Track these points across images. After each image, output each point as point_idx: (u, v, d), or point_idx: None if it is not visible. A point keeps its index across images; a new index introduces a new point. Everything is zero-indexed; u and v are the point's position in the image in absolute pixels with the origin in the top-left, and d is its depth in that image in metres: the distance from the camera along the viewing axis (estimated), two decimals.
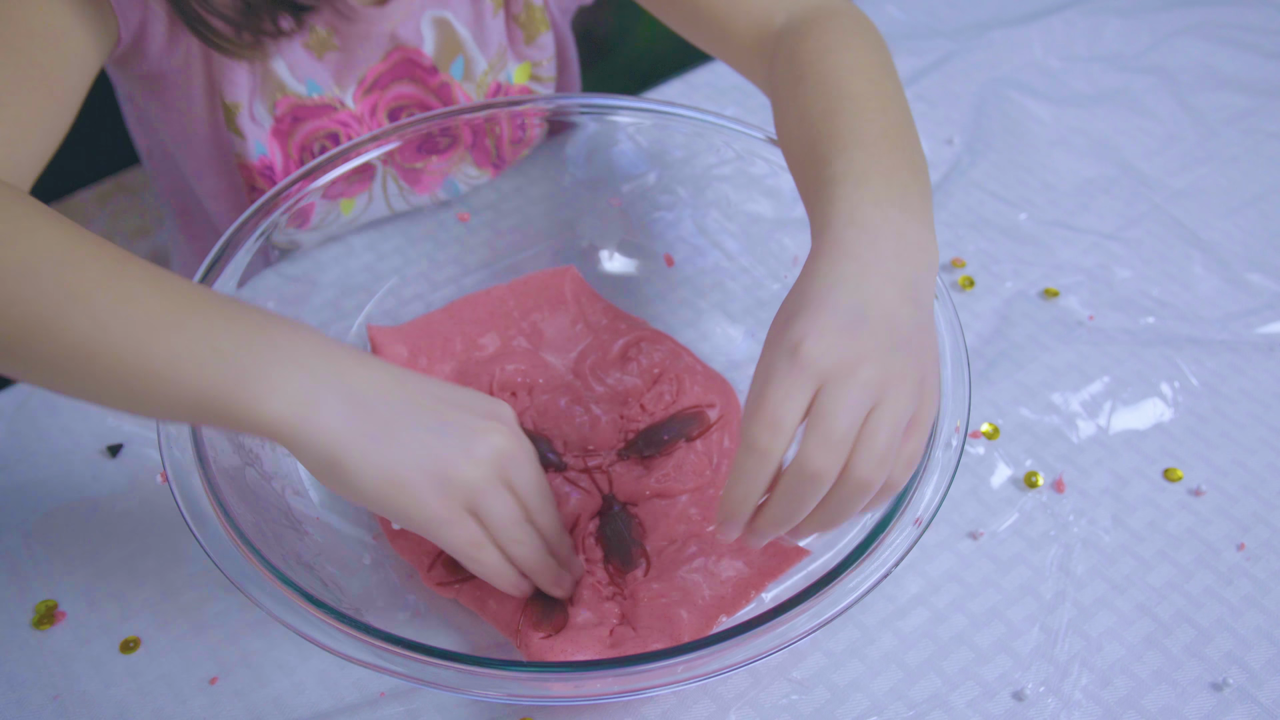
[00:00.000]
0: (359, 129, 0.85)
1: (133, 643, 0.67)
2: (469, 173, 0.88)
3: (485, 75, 0.87)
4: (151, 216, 1.25)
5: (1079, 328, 0.84)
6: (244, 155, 0.83)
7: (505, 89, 0.88)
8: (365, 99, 0.84)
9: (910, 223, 0.61)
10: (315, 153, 0.84)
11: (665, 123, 0.81)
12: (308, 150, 0.84)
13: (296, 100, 0.82)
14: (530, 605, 0.65)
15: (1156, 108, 1.02)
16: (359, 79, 0.83)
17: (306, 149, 0.84)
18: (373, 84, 0.84)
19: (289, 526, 0.66)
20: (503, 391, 0.75)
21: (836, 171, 0.63)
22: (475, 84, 0.87)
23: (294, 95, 0.82)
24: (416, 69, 0.85)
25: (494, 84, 0.88)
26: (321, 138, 0.84)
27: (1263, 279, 0.88)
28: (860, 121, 0.65)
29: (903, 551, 0.59)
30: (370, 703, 0.64)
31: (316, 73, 0.82)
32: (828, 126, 0.66)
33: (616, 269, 0.85)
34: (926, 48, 1.06)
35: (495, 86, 0.88)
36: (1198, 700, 0.66)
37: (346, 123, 0.84)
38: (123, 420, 0.77)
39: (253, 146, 0.82)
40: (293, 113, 0.83)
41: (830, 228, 0.61)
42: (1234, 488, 0.75)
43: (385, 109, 0.86)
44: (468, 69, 0.86)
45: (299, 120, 0.83)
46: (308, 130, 0.84)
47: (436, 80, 0.85)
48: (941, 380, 0.62)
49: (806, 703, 0.65)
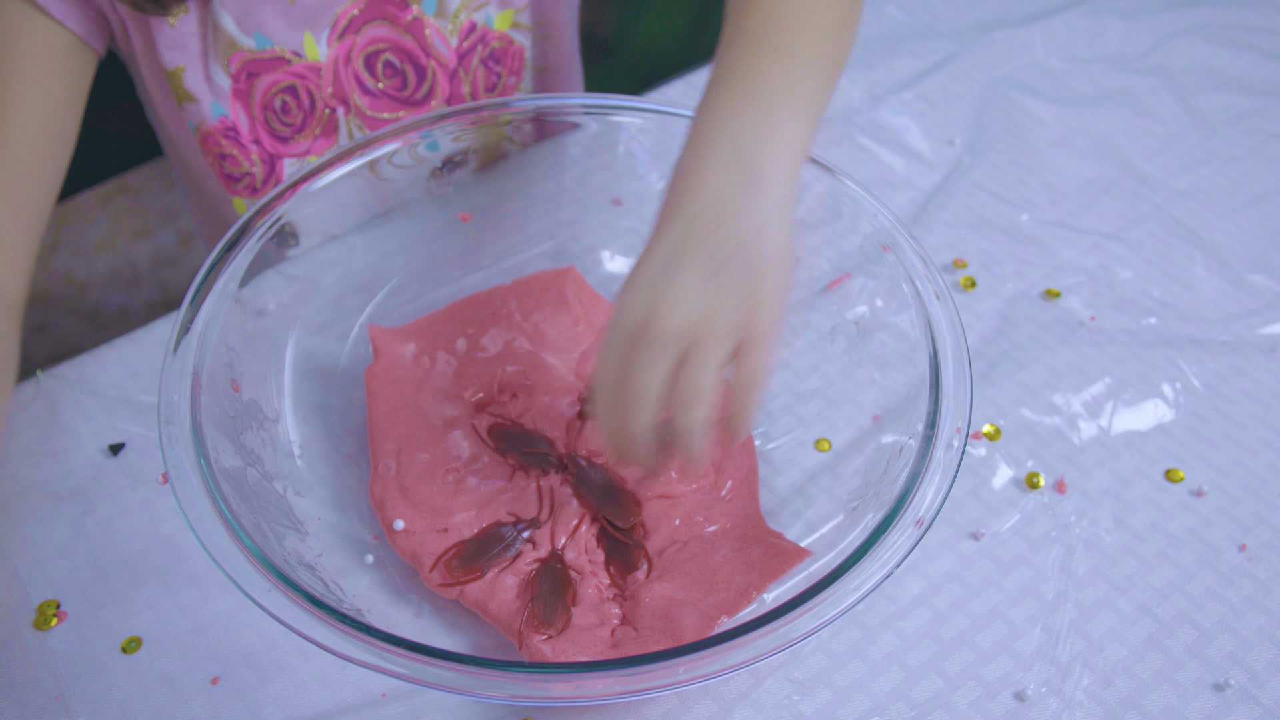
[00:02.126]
0: (317, 80, 0.83)
1: (134, 643, 0.67)
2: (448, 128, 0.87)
3: (459, 11, 0.85)
4: (153, 217, 1.25)
5: (1080, 328, 0.84)
6: (204, 120, 0.82)
7: (483, 31, 0.87)
8: (340, 44, 0.83)
9: (751, 122, 0.60)
10: (277, 110, 0.83)
11: (667, 123, 0.81)
12: (270, 109, 0.83)
13: (248, 55, 0.81)
14: (532, 606, 0.65)
15: (1158, 108, 1.02)
16: (331, 21, 0.83)
17: (268, 107, 0.83)
18: (345, 27, 0.83)
19: (290, 526, 0.66)
20: (504, 393, 0.75)
21: (711, 76, 0.63)
22: (449, 20, 0.85)
23: (245, 50, 0.81)
24: (388, 5, 0.83)
25: (468, 23, 0.86)
26: (279, 92, 0.83)
27: (1264, 279, 0.88)
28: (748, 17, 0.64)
29: (904, 552, 0.59)
30: (371, 703, 0.64)
31: (271, 22, 0.81)
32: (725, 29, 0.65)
33: (618, 269, 0.85)
34: (928, 48, 1.06)
35: (469, 25, 0.86)
36: (1199, 701, 0.65)
37: (303, 74, 0.83)
38: (123, 420, 0.77)
39: (209, 108, 0.81)
40: (246, 68, 0.82)
41: (685, 143, 0.61)
42: (1235, 488, 0.75)
43: (361, 55, 0.85)
44: (440, 5, 0.85)
45: (254, 76, 0.82)
46: (265, 86, 0.82)
47: (408, 15, 0.84)
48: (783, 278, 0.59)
49: (808, 703, 0.65)
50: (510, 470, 0.72)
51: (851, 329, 0.77)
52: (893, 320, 0.73)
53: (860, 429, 0.75)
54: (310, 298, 0.81)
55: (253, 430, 0.69)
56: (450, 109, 0.80)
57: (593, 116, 0.82)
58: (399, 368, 0.76)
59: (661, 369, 0.57)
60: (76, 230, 1.21)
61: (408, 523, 0.68)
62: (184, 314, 0.67)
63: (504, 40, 0.89)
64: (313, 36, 0.82)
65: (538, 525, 0.69)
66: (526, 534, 0.68)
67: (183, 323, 0.67)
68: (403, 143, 0.78)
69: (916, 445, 0.64)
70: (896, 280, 0.72)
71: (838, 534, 0.67)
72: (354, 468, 0.74)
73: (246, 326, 0.72)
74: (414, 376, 0.76)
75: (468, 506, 0.69)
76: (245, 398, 0.70)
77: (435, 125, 0.79)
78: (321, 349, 0.78)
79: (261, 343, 0.75)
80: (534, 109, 0.82)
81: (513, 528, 0.68)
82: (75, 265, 1.23)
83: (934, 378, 0.66)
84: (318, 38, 0.82)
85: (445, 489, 0.70)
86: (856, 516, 0.66)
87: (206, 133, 0.83)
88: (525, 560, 0.67)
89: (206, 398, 0.65)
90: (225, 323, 0.69)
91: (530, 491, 0.71)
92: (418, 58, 0.86)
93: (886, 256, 0.72)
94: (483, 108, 0.81)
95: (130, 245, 1.25)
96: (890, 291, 0.73)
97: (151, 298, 1.28)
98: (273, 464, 0.69)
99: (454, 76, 0.86)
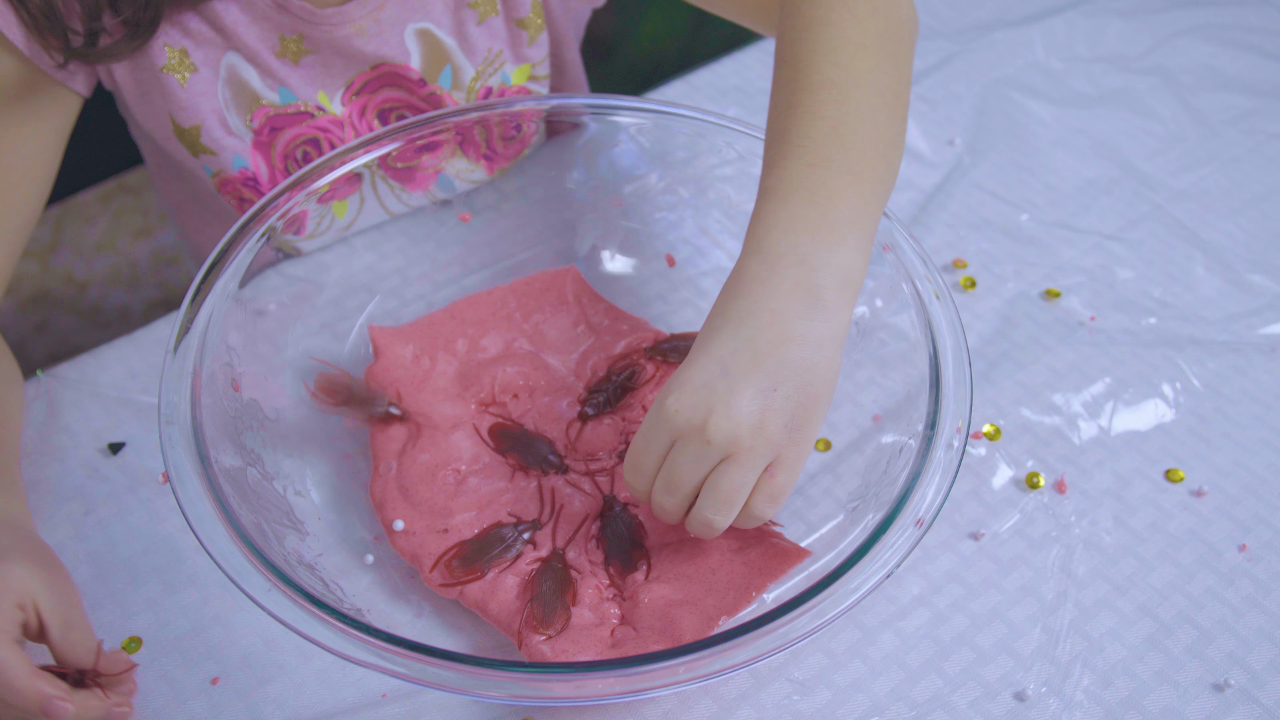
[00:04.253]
0: (341, 133, 0.85)
1: (133, 642, 0.67)
2: (460, 166, 0.88)
3: (474, 81, 0.86)
4: (154, 217, 1.25)
5: (1080, 328, 0.84)
6: (223, 169, 0.83)
7: (502, 91, 0.88)
8: (354, 102, 0.84)
9: (820, 246, 0.61)
10: (299, 160, 0.84)
11: (667, 123, 0.81)
12: (291, 158, 0.84)
13: (272, 109, 0.82)
14: (531, 606, 0.65)
15: (1158, 108, 1.02)
16: (346, 83, 0.83)
17: (289, 157, 0.84)
18: (361, 88, 0.84)
19: (290, 526, 0.66)
20: (504, 394, 0.75)
21: (768, 185, 0.64)
22: (465, 91, 0.87)
23: (269, 104, 0.82)
24: (403, 80, 0.85)
25: (484, 89, 0.87)
26: (302, 144, 0.84)
27: (1264, 280, 0.88)
28: (809, 121, 0.64)
29: (904, 552, 0.59)
30: (371, 703, 0.64)
31: (291, 79, 0.82)
32: (782, 125, 0.65)
33: (618, 269, 0.85)
34: (928, 48, 1.06)
35: (485, 91, 0.88)
36: (1199, 701, 0.65)
37: (326, 128, 0.84)
38: (123, 420, 0.77)
39: (230, 160, 0.82)
40: (270, 123, 0.82)
41: (743, 253, 0.62)
42: (1235, 489, 0.75)
43: (374, 110, 0.86)
44: (456, 78, 0.86)
45: (277, 130, 0.83)
46: (288, 139, 0.83)
47: (425, 90, 0.85)
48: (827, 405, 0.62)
49: (808, 703, 0.65)
50: (511, 471, 0.72)
51: (851, 329, 0.77)
52: (893, 320, 0.73)
53: (860, 429, 0.75)
54: (310, 298, 0.81)
55: (253, 430, 0.69)
56: (451, 109, 0.80)
57: (593, 116, 0.82)
58: (399, 368, 0.76)
59: (705, 468, 0.60)
60: (76, 230, 1.21)
61: (408, 523, 0.68)
62: (184, 314, 0.67)
63: (521, 93, 0.89)
64: (326, 96, 0.83)
65: (538, 526, 0.69)
66: (527, 535, 0.68)
67: (183, 323, 0.67)
68: (404, 142, 0.78)
69: (916, 445, 0.64)
70: (896, 280, 0.72)
71: (838, 534, 0.67)
72: (354, 468, 0.74)
73: (246, 326, 0.72)
74: (414, 376, 0.76)
75: (468, 507, 0.69)
76: (245, 398, 0.70)
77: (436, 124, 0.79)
78: (321, 349, 0.78)
79: (261, 343, 0.75)
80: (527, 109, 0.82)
81: (513, 528, 0.68)
82: (75, 265, 1.23)
83: (934, 378, 0.66)
84: (331, 96, 0.83)
85: (445, 489, 0.70)
86: (856, 516, 0.66)
87: (225, 179, 0.84)
88: (525, 561, 0.67)
89: (206, 398, 0.65)
90: (225, 323, 0.69)
91: (531, 492, 0.71)
92: None
93: (886, 256, 0.72)
94: (484, 107, 0.81)
95: (130, 245, 1.25)
96: (890, 292, 0.73)
97: (151, 298, 1.28)
98: (273, 464, 0.69)
99: (468, 133, 0.86)
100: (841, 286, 0.61)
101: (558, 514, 0.70)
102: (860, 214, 0.63)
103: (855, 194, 0.63)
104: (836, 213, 0.62)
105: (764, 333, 0.60)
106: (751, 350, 0.60)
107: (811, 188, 0.62)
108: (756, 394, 0.59)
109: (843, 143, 0.63)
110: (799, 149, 0.63)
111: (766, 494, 0.61)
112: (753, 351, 0.60)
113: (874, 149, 0.64)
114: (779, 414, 0.59)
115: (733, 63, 1.05)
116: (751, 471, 0.60)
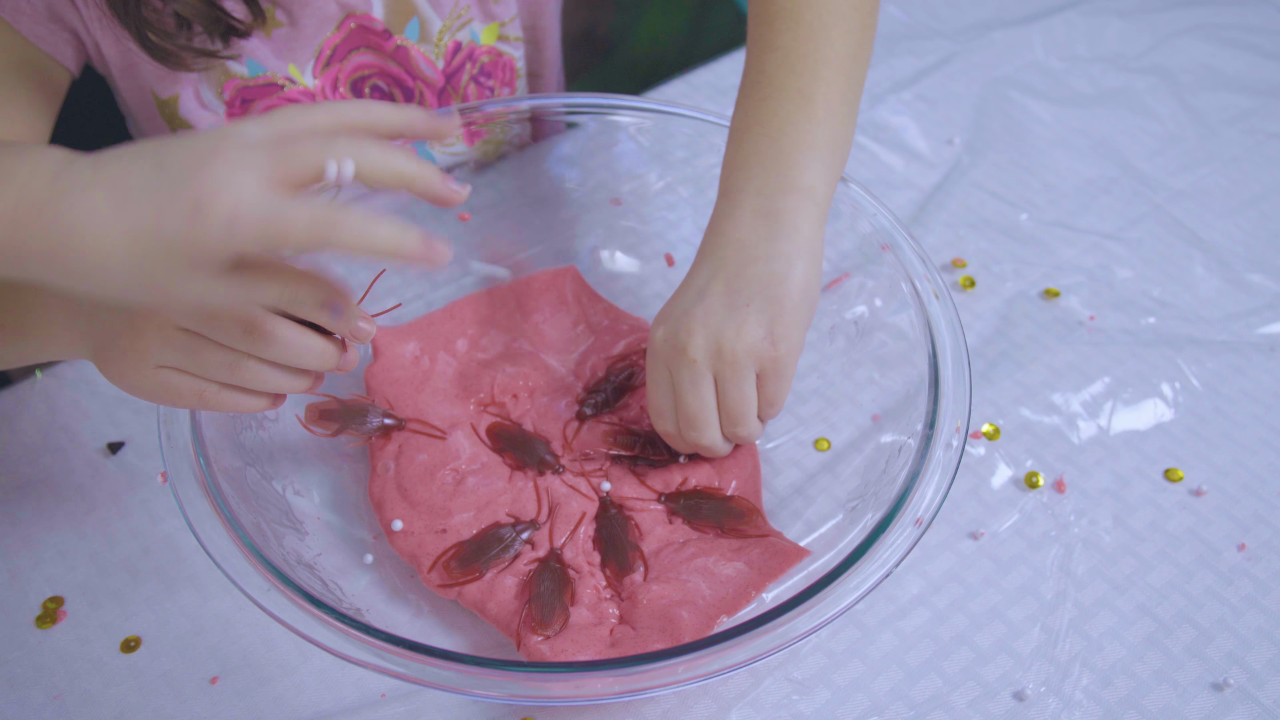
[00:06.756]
0: None
1: (133, 642, 0.67)
2: None
3: (442, 34, 0.86)
4: None
5: (1080, 328, 0.84)
6: None
7: (470, 49, 0.88)
8: (325, 73, 0.84)
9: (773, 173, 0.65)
10: None
11: (666, 123, 0.81)
12: None
13: (241, 82, 0.82)
14: (530, 606, 0.65)
15: (1157, 108, 1.02)
16: (315, 53, 0.83)
17: None
18: (330, 57, 0.83)
19: (289, 526, 0.66)
20: (504, 395, 0.75)
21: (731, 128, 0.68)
22: (433, 44, 0.86)
23: (237, 77, 0.81)
24: (371, 35, 0.84)
25: (453, 43, 0.87)
26: None
27: (1263, 279, 0.88)
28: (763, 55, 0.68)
29: (903, 552, 0.59)
30: (371, 703, 0.64)
31: (258, 52, 0.81)
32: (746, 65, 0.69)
33: (618, 269, 0.85)
34: (927, 48, 1.06)
35: (454, 46, 0.87)
36: (1198, 700, 0.65)
37: (296, 99, 0.83)
38: (123, 419, 0.77)
39: None
40: (240, 95, 0.82)
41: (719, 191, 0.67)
42: (1235, 488, 0.75)
43: (347, 81, 0.85)
44: (423, 30, 0.85)
45: (248, 102, 0.83)
46: (258, 111, 0.83)
47: (392, 44, 0.85)
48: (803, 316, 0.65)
49: (807, 703, 0.65)
50: (509, 471, 0.72)
51: (851, 329, 0.77)
52: (892, 320, 0.74)
53: (860, 429, 0.75)
54: None
55: (252, 430, 0.69)
56: (453, 109, 0.80)
57: (592, 116, 0.82)
58: (399, 368, 0.76)
59: (705, 390, 0.65)
60: None
61: (406, 523, 0.68)
62: None
63: (492, 54, 0.89)
64: (297, 69, 0.82)
65: (536, 526, 0.69)
66: (525, 535, 0.68)
67: None
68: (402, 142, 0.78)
69: (916, 445, 0.64)
70: (896, 280, 0.72)
71: (837, 533, 0.67)
72: (353, 468, 0.74)
73: None
74: (414, 376, 0.76)
75: (466, 507, 0.69)
76: None
77: None
78: None
79: None
80: (533, 109, 0.82)
81: (511, 529, 0.68)
82: None
83: (933, 377, 0.66)
84: (302, 69, 0.83)
85: (444, 490, 0.70)
86: (856, 516, 0.66)
87: None
88: (524, 561, 0.67)
89: None
90: None
91: (529, 492, 0.71)
92: (404, 81, 0.87)
93: (886, 256, 0.72)
94: (485, 107, 0.81)
95: None
96: (889, 291, 0.73)
97: None
98: (272, 464, 0.69)
99: (443, 94, 0.86)
100: (798, 206, 0.65)
101: (553, 514, 0.70)
102: (815, 133, 0.66)
103: (805, 116, 0.66)
104: (786, 138, 0.66)
105: (730, 259, 0.65)
106: (723, 276, 0.65)
107: (764, 120, 0.67)
108: (729, 310, 0.63)
109: (794, 69, 0.67)
110: (755, 84, 0.68)
111: (764, 402, 0.65)
112: (724, 277, 0.65)
113: (828, 66, 0.68)
114: (754, 326, 0.63)
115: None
116: (746, 383, 0.64)
